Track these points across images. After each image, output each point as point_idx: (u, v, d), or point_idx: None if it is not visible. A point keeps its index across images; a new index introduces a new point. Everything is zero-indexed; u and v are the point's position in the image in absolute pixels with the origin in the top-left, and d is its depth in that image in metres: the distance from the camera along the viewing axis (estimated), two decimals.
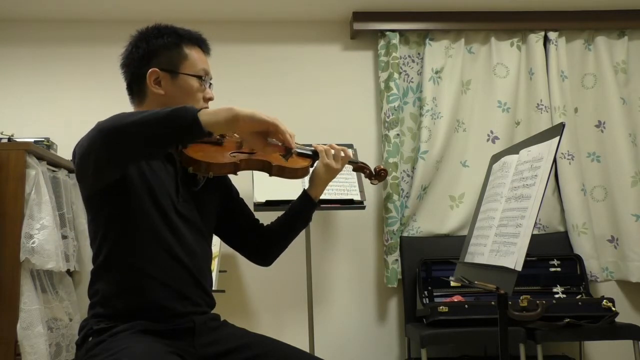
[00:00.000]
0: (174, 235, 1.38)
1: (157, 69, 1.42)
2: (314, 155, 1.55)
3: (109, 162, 1.23)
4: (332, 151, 1.55)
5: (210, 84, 1.50)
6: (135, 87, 1.46)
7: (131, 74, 1.46)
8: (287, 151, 1.30)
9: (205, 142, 1.41)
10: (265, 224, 1.64)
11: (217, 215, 1.56)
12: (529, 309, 2.45)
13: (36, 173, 2.36)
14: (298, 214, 1.58)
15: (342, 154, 1.55)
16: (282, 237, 1.61)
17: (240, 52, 3.18)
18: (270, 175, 1.45)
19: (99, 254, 1.36)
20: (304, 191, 1.59)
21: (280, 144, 1.29)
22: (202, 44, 1.50)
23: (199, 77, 1.46)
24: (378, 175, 1.65)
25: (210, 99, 1.49)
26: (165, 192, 1.39)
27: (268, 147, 1.28)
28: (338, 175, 1.63)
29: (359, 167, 1.67)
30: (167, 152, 1.43)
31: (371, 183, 1.68)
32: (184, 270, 1.39)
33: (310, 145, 1.55)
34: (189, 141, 1.35)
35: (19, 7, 3.00)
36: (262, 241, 1.61)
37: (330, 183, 1.60)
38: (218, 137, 1.45)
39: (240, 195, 1.64)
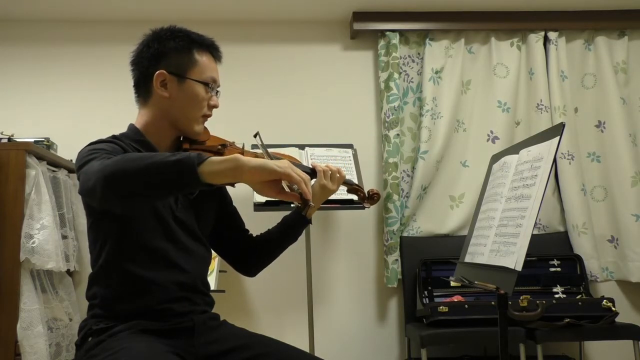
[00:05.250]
0: (172, 241, 1.40)
1: (164, 71, 1.42)
2: (312, 174, 1.56)
3: (112, 205, 1.20)
4: (329, 172, 1.56)
5: (218, 91, 1.50)
6: (142, 86, 1.46)
7: (139, 73, 1.46)
8: (305, 202, 1.24)
9: (207, 151, 1.41)
10: (254, 235, 1.66)
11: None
12: (529, 309, 2.45)
13: (36, 173, 2.36)
14: (289, 230, 1.61)
15: (338, 175, 1.57)
16: (270, 250, 1.63)
17: (240, 52, 3.18)
18: None
19: (98, 259, 1.37)
20: (298, 208, 1.61)
21: (296, 190, 1.23)
22: (213, 51, 1.49)
23: (206, 84, 1.45)
24: (371, 199, 1.68)
25: (215, 106, 1.49)
26: (156, 203, 1.39)
27: (282, 195, 1.24)
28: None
29: (353, 189, 1.70)
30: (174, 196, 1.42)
31: (364, 206, 1.69)
32: (182, 275, 1.40)
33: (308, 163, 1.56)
34: (190, 191, 1.34)
35: (19, 7, 3.00)
36: (249, 252, 1.63)
37: None
38: (219, 147, 1.45)
39: (241, 195, 1.65)
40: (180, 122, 1.44)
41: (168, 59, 1.43)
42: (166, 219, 1.39)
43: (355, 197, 1.72)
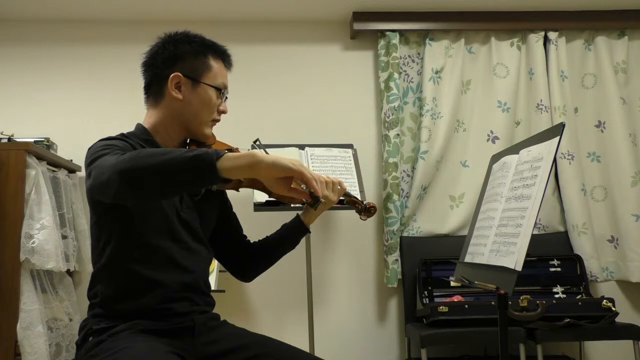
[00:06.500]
0: (176, 241, 1.40)
1: (180, 74, 1.43)
2: None
3: (127, 200, 1.23)
4: (331, 183, 1.56)
5: (226, 97, 1.52)
6: (154, 88, 1.47)
7: (153, 74, 1.47)
8: (315, 200, 1.26)
9: None
10: (252, 241, 1.67)
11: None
12: (529, 309, 2.44)
13: (36, 173, 2.36)
14: (288, 238, 1.63)
15: (339, 187, 1.58)
16: (267, 257, 1.65)
17: (239, 52, 3.15)
18: (270, 196, 1.48)
19: (101, 257, 1.37)
20: (298, 217, 1.63)
21: (305, 189, 1.26)
22: (225, 59, 1.53)
23: (218, 90, 1.47)
24: (368, 211, 1.69)
25: (224, 112, 1.51)
26: (170, 198, 1.40)
27: (292, 192, 1.27)
28: (338, 175, 1.62)
29: (351, 201, 1.70)
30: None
31: (360, 218, 1.71)
32: (186, 275, 1.41)
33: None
34: (207, 187, 1.38)
35: (18, 7, 2.99)
36: (247, 258, 1.65)
37: None
38: (226, 152, 1.47)
39: (240, 197, 1.66)
40: (191, 124, 1.46)
41: (184, 62, 1.44)
42: (171, 219, 1.40)
43: (353, 209, 1.73)
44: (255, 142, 1.57)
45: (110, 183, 1.15)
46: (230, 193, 1.65)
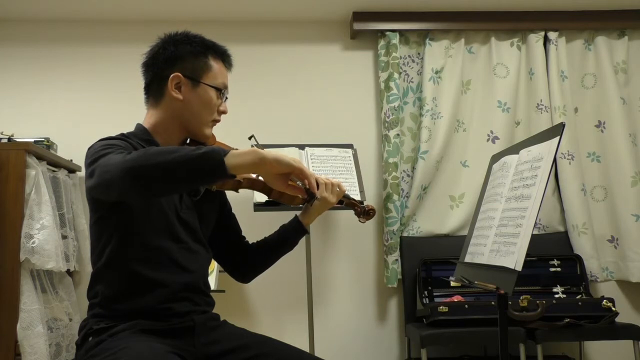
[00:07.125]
0: (176, 241, 1.41)
1: (180, 74, 1.43)
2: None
3: (131, 198, 1.26)
4: (331, 185, 1.57)
5: (226, 97, 1.52)
6: (154, 88, 1.47)
7: (153, 74, 1.47)
8: (311, 196, 1.33)
9: None
10: (251, 242, 1.68)
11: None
12: (529, 309, 2.45)
13: (36, 173, 2.36)
14: (286, 239, 1.63)
15: (338, 189, 1.59)
16: (266, 258, 1.65)
17: (239, 52, 3.15)
18: (269, 197, 1.49)
19: (101, 257, 1.37)
20: (296, 218, 1.63)
21: (301, 186, 1.32)
22: (226, 59, 1.53)
23: (218, 90, 1.48)
24: (367, 214, 1.69)
25: (224, 112, 1.52)
26: (170, 198, 1.41)
27: (289, 188, 1.32)
28: (338, 175, 1.63)
29: (350, 204, 1.70)
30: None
31: (359, 221, 1.71)
32: (186, 275, 1.41)
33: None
34: (213, 184, 1.41)
35: (18, 7, 2.99)
36: (246, 259, 1.65)
37: None
38: (231, 149, 1.48)
39: (240, 197, 1.66)
40: (191, 124, 1.47)
41: (184, 62, 1.45)
42: (171, 219, 1.40)
43: (352, 212, 1.73)
44: (250, 138, 1.57)
45: (116, 181, 1.16)
46: (230, 194, 1.65)
